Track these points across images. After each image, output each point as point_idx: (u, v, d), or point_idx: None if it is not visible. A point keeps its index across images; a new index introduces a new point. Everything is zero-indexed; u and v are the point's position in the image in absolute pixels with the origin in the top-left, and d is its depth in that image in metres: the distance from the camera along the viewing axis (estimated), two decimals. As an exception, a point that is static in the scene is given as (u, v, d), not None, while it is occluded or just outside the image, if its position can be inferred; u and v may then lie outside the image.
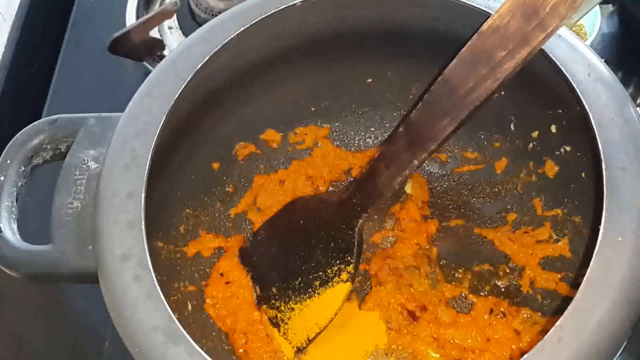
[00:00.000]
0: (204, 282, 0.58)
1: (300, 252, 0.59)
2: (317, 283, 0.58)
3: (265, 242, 0.60)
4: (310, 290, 0.58)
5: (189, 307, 0.56)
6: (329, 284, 0.57)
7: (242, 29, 0.51)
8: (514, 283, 0.58)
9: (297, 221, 0.60)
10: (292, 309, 0.58)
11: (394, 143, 0.52)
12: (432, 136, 0.49)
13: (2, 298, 0.67)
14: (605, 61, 0.48)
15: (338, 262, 0.57)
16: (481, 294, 0.59)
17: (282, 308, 0.58)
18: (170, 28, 0.81)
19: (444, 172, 0.64)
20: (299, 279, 0.58)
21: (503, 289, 0.58)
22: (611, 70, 0.48)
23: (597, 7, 0.73)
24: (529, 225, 0.59)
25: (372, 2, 0.54)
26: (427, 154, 0.50)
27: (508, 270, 0.59)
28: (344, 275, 0.57)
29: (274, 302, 0.58)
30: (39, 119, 0.53)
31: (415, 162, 0.51)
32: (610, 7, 0.79)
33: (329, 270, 0.58)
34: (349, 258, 0.57)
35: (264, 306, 0.58)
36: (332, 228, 0.58)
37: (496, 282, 0.59)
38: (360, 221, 0.56)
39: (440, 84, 0.48)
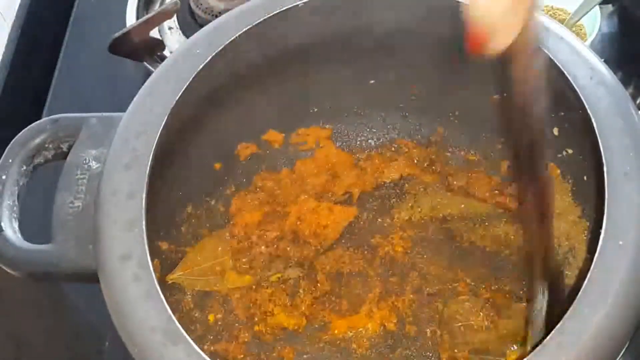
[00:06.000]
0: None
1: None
2: None
3: None
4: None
5: (189, 306, 0.56)
6: None
7: (245, 29, 0.51)
8: (515, 284, 0.58)
9: None
10: None
11: None
12: None
13: (2, 298, 0.67)
14: (605, 61, 0.49)
15: None
16: (481, 295, 0.58)
17: None
18: (170, 28, 0.81)
19: (445, 173, 0.64)
20: None
21: (503, 290, 0.58)
22: (611, 70, 0.48)
23: (597, 7, 0.73)
24: (530, 227, 0.59)
25: (374, 3, 0.55)
26: None
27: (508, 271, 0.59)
28: None
29: None
30: (39, 119, 0.53)
31: None
32: (610, 7, 0.79)
33: None
34: None
35: None
36: None
37: (497, 283, 0.59)
38: None
39: None
